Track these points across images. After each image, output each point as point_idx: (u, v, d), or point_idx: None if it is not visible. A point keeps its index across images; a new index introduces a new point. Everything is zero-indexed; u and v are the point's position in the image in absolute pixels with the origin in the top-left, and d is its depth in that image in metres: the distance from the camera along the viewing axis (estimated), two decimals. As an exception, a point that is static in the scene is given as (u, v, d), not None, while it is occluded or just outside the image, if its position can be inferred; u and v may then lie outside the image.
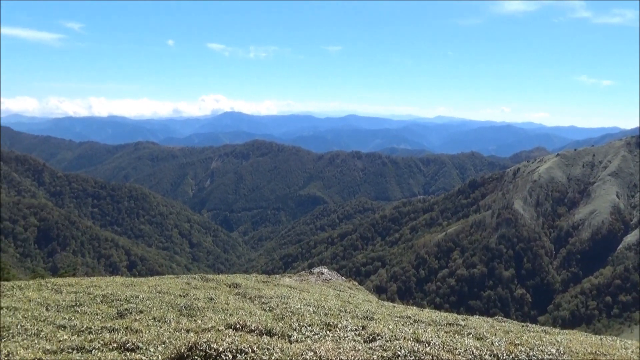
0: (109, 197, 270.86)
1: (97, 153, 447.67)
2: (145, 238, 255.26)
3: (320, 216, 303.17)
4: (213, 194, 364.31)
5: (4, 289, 14.89)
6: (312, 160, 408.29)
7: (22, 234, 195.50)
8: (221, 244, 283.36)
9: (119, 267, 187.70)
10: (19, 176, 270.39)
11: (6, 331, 8.27)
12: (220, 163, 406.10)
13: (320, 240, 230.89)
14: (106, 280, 18.61)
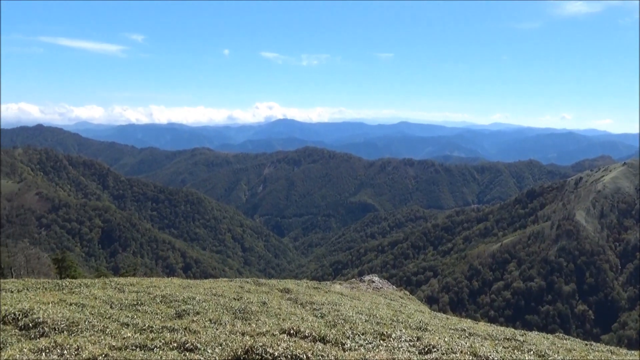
0: (167, 201, 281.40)
1: (156, 158, 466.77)
2: (200, 241, 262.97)
3: (371, 224, 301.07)
4: (265, 200, 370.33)
5: (73, 285, 15.80)
6: (363, 167, 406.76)
7: (88, 235, 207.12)
8: (272, 249, 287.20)
9: (175, 268, 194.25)
10: (86, 180, 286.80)
11: (75, 326, 8.76)
12: (272, 169, 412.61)
13: (370, 248, 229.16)
14: (164, 281, 19.31)
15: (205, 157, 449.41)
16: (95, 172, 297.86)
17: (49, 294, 13.61)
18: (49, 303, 10.88)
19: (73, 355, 6.85)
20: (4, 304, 10.35)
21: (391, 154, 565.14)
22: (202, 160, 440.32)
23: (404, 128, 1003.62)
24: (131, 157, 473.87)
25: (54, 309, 9.89)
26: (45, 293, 13.87)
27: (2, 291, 14.14)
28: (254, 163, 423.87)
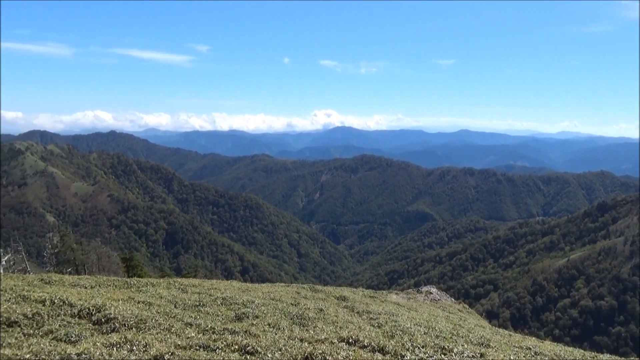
0: (227, 205, 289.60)
1: (218, 164, 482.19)
2: (257, 246, 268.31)
3: (429, 233, 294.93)
4: (322, 207, 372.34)
5: (140, 284, 16.59)
6: (422, 175, 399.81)
7: (153, 236, 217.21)
8: (328, 256, 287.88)
9: (233, 271, 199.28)
10: (153, 183, 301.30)
11: (143, 324, 9.19)
12: (329, 176, 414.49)
13: (427, 258, 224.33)
14: (225, 284, 19.84)
15: (265, 163, 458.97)
16: (162, 176, 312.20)
17: (119, 292, 14.37)
18: (119, 300, 11.48)
19: (141, 352, 7.19)
20: (79, 299, 11.03)
21: (451, 162, 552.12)
22: (261, 167, 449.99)
23: (464, 136, 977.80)
24: (195, 163, 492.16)
25: (124, 306, 10.43)
26: (115, 290, 14.65)
27: (77, 287, 15.09)
28: (311, 170, 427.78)
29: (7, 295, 11.86)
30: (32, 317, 9.54)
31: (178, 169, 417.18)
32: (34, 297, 10.89)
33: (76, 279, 17.75)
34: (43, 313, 9.71)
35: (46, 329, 8.96)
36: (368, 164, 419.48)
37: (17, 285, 14.33)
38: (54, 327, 9.04)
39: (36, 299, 10.75)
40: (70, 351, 7.01)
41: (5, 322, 9.23)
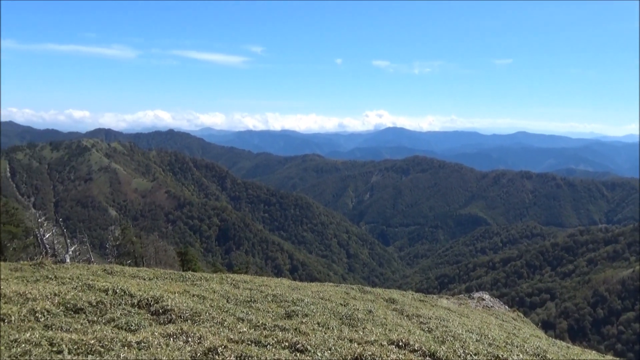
0: (278, 204, 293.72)
1: (270, 163, 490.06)
2: (307, 245, 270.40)
3: (482, 238, 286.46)
4: (371, 208, 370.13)
5: (195, 278, 17.17)
6: (475, 178, 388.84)
7: (207, 232, 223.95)
8: (377, 257, 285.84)
9: (282, 269, 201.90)
10: (207, 181, 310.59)
11: (198, 316, 9.52)
12: (380, 177, 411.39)
13: (480, 264, 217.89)
14: (275, 281, 20.15)
15: (315, 163, 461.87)
16: (216, 174, 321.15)
17: (175, 285, 14.93)
18: (176, 293, 11.92)
19: (196, 344, 7.45)
20: (139, 290, 11.56)
21: (506, 165, 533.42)
22: (312, 166, 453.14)
23: (521, 138, 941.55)
24: (247, 161, 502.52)
25: (180, 299, 10.83)
26: (171, 283, 15.23)
27: (137, 278, 15.82)
28: (361, 170, 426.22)
29: (74, 284, 12.62)
30: (96, 305, 10.09)
31: (231, 167, 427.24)
32: (98, 286, 11.52)
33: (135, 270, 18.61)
34: (106, 302, 10.25)
35: (108, 316, 9.46)
36: (419, 165, 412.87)
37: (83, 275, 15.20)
38: (115, 315, 9.53)
39: (100, 288, 11.37)
40: (130, 339, 7.36)
41: (72, 309, 9.83)
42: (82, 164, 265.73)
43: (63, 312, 9.58)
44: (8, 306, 9.44)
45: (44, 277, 14.07)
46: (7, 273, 15.21)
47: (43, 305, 9.58)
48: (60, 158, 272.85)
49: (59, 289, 11.37)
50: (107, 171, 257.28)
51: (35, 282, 13.16)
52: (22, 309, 9.32)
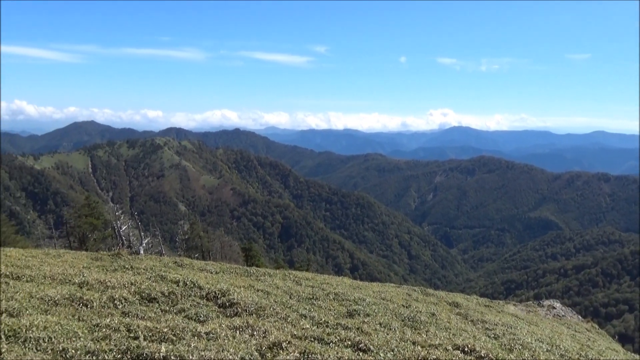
0: (339, 202, 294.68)
1: (332, 162, 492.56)
2: (367, 244, 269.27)
3: (553, 243, 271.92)
4: (434, 208, 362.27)
5: (259, 274, 17.63)
6: (547, 180, 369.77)
7: (270, 229, 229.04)
8: (439, 259, 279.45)
9: (343, 268, 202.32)
10: (271, 179, 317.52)
11: (262, 311, 9.78)
12: (444, 178, 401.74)
13: (550, 270, 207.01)
14: (336, 280, 20.25)
15: (377, 162, 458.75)
16: (279, 172, 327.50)
17: (240, 279, 15.41)
18: (241, 287, 12.32)
19: (261, 337, 7.67)
20: (207, 282, 12.05)
21: (581, 167, 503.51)
22: (374, 166, 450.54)
23: (599, 138, 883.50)
24: (310, 160, 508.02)
25: (245, 293, 11.18)
26: (237, 277, 15.74)
27: (205, 271, 16.49)
28: (425, 170, 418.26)
29: (148, 274, 13.37)
30: (168, 295, 10.64)
31: (294, 165, 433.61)
32: (170, 277, 12.14)
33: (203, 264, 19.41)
34: (177, 293, 10.79)
35: (179, 307, 9.94)
36: (486, 165, 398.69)
37: (156, 266, 16.07)
38: (185, 306, 10.00)
39: (171, 279, 11.98)
40: (200, 330, 7.71)
41: (147, 298, 10.43)
42: (155, 161, 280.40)
43: (138, 300, 10.19)
44: (90, 292, 10.18)
45: (122, 267, 15.02)
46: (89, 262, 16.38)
47: (121, 293, 10.24)
48: (135, 155, 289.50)
49: (134, 278, 12.10)
50: (177, 168, 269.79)
51: (113, 271, 14.08)
52: (102, 295, 10.02)
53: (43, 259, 16.00)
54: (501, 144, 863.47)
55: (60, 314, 8.54)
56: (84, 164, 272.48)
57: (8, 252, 16.71)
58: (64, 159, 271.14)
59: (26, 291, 9.68)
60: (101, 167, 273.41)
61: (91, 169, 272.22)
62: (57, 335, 6.95)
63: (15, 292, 9.48)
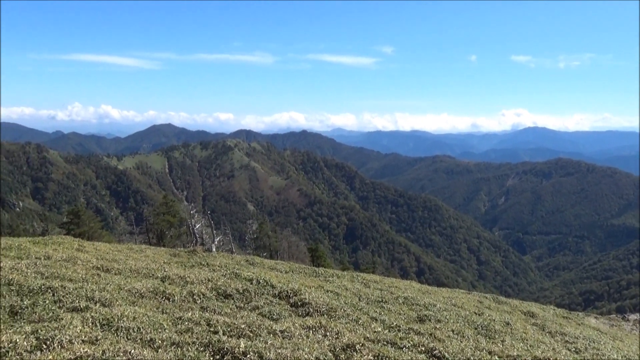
0: (406, 205, 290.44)
1: (399, 164, 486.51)
2: (434, 248, 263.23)
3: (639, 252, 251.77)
4: (506, 213, 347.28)
5: (327, 275, 17.83)
6: (633, 184, 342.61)
7: (335, 230, 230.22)
8: (511, 266, 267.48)
9: (408, 272, 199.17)
10: (337, 180, 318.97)
11: (333, 312, 9.90)
12: (517, 181, 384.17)
13: (636, 281, 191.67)
14: (404, 284, 20.03)
15: (446, 164, 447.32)
16: (345, 174, 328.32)
17: (310, 279, 15.66)
18: (311, 287, 12.53)
19: (334, 338, 7.77)
20: (279, 281, 12.37)
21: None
22: (442, 168, 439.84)
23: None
24: (376, 162, 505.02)
25: (316, 293, 11.36)
26: (306, 277, 16.01)
27: (275, 270, 16.93)
28: (496, 173, 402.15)
29: (223, 271, 13.94)
30: (242, 292, 11.05)
31: (360, 167, 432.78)
32: (243, 275, 12.60)
33: (273, 263, 19.93)
34: (251, 290, 11.17)
35: (253, 304, 10.30)
36: (564, 168, 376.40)
37: (229, 264, 16.72)
38: (259, 303, 10.34)
39: (245, 277, 12.42)
40: (275, 327, 7.95)
41: (223, 294, 10.89)
42: (226, 162, 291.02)
43: (215, 296, 10.67)
44: (172, 287, 10.79)
45: (198, 264, 15.78)
46: (168, 258, 17.34)
47: (199, 288, 10.77)
48: (208, 156, 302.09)
49: (211, 275, 12.67)
50: (247, 169, 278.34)
51: (191, 267, 14.83)
52: (182, 290, 10.59)
53: (128, 253, 17.15)
54: (581, 146, 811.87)
55: (146, 305, 9.14)
56: (161, 164, 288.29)
57: (97, 245, 18.08)
58: (144, 159, 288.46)
59: (115, 283, 10.43)
60: (177, 168, 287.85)
61: (168, 169, 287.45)
62: (144, 326, 7.45)
63: (106, 284, 10.25)
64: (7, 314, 7.69)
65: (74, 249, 15.47)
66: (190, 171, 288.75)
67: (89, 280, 10.43)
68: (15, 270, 10.24)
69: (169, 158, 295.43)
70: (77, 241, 17.54)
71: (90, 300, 8.69)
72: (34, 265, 11.08)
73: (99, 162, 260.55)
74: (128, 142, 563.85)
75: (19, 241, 15.59)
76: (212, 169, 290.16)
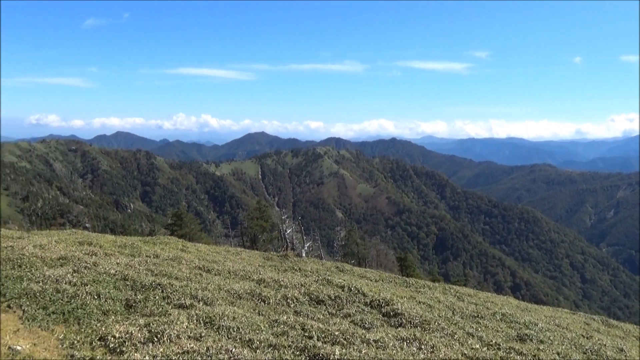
0: (500, 216, 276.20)
1: (493, 173, 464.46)
2: (532, 262, 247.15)
3: None
4: (616, 227, 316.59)
5: (418, 285, 17.43)
6: None
7: (424, 240, 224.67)
8: (621, 286, 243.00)
9: (503, 286, 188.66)
10: (427, 189, 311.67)
11: (427, 325, 9.64)
12: (629, 192, 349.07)
13: None
14: (501, 299, 19.02)
15: (546, 174, 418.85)
16: (435, 182, 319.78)
17: (400, 289, 15.41)
18: (403, 297, 12.31)
19: (429, 352, 7.56)
20: (370, 290, 12.30)
21: None
22: (541, 177, 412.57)
23: None
24: (468, 170, 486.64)
25: (409, 304, 11.13)
26: (397, 287, 15.78)
27: (364, 278, 16.88)
28: (604, 184, 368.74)
29: (315, 277, 14.17)
30: (334, 299, 11.14)
31: (451, 176, 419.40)
32: (335, 282, 12.70)
33: (363, 271, 19.89)
34: (342, 297, 11.23)
35: (345, 312, 10.33)
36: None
37: (320, 269, 16.96)
38: (351, 311, 10.35)
39: (337, 284, 12.51)
40: (368, 337, 7.90)
41: (315, 300, 11.05)
42: (316, 169, 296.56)
43: (308, 301, 10.86)
44: (267, 290, 11.17)
45: (291, 268, 16.20)
46: (262, 261, 18.00)
47: (293, 293, 11.03)
48: (298, 164, 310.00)
49: (303, 280, 12.94)
50: (335, 176, 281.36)
51: (284, 271, 15.25)
52: (277, 293, 10.91)
53: (225, 255, 18.08)
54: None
55: (244, 306, 9.54)
56: (254, 171, 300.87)
57: (198, 246, 19.27)
58: (239, 166, 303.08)
59: (215, 283, 11.02)
60: (269, 174, 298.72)
61: (261, 175, 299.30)
62: (243, 326, 7.78)
63: (208, 283, 10.87)
64: (124, 306, 8.43)
65: (178, 249, 16.61)
66: (282, 178, 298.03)
67: (192, 279, 11.12)
68: (130, 267, 11.20)
69: (262, 165, 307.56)
70: (181, 242, 18.83)
71: (194, 298, 9.25)
72: (145, 263, 12.05)
73: (199, 168, 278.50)
74: (225, 150, 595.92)
75: (132, 240, 17.08)
76: (302, 176, 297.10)
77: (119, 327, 7.02)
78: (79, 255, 11.52)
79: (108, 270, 10.38)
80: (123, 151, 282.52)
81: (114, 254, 12.91)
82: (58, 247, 12.33)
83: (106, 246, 13.98)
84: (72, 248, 12.64)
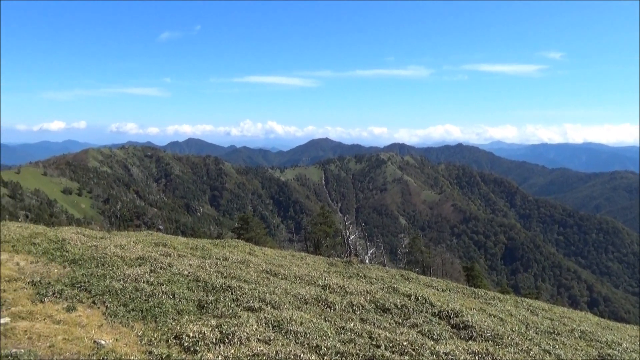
0: (576, 226, 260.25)
1: (568, 180, 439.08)
2: (611, 277, 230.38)
3: None
4: None
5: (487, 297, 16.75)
6: None
7: (492, 249, 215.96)
8: None
9: (578, 301, 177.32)
10: (495, 196, 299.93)
11: (499, 339, 9.21)
12: None
13: None
14: (579, 315, 17.89)
15: (628, 181, 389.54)
16: (504, 189, 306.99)
17: (469, 300, 14.88)
18: (473, 309, 11.87)
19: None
20: (438, 300, 11.97)
21: None
22: (623, 185, 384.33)
23: None
24: (541, 177, 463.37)
25: (479, 316, 10.72)
26: (465, 298, 15.24)
27: (431, 287, 16.46)
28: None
29: (380, 284, 14.02)
30: (400, 308, 10.95)
31: (522, 183, 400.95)
32: (401, 290, 12.49)
33: (429, 279, 19.40)
34: (409, 306, 11.01)
35: (412, 321, 10.12)
36: None
37: (385, 277, 16.76)
38: (418, 321, 10.12)
39: (403, 292, 12.30)
40: (437, 349, 7.68)
41: (381, 308, 10.92)
42: (379, 175, 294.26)
43: (373, 309, 10.75)
44: (332, 296, 11.18)
45: (355, 275, 16.12)
46: (327, 267, 18.06)
47: (358, 300, 10.97)
48: (362, 169, 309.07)
49: (369, 287, 12.83)
50: (399, 182, 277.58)
51: (349, 277, 15.21)
52: (342, 300, 10.89)
53: (291, 260, 18.32)
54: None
55: (310, 311, 9.60)
56: (318, 176, 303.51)
57: (265, 250, 19.67)
58: (303, 172, 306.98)
59: (282, 287, 11.18)
60: (332, 180, 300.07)
61: (324, 181, 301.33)
62: (310, 332, 7.82)
63: (275, 287, 11.05)
64: (196, 307, 8.75)
65: (246, 252, 17.05)
66: (345, 183, 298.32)
67: (260, 282, 11.36)
68: (201, 269, 11.64)
69: (325, 171, 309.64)
70: (249, 245, 19.32)
71: (263, 301, 9.43)
72: (215, 265, 12.47)
73: (264, 173, 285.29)
74: (290, 155, 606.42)
75: (202, 242, 17.76)
76: (366, 182, 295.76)
77: (193, 327, 7.29)
78: (155, 255, 12.12)
79: (182, 271, 10.84)
80: (194, 157, 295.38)
81: (186, 255, 13.47)
82: (136, 248, 13.06)
83: (179, 248, 14.62)
84: (149, 249, 13.34)
